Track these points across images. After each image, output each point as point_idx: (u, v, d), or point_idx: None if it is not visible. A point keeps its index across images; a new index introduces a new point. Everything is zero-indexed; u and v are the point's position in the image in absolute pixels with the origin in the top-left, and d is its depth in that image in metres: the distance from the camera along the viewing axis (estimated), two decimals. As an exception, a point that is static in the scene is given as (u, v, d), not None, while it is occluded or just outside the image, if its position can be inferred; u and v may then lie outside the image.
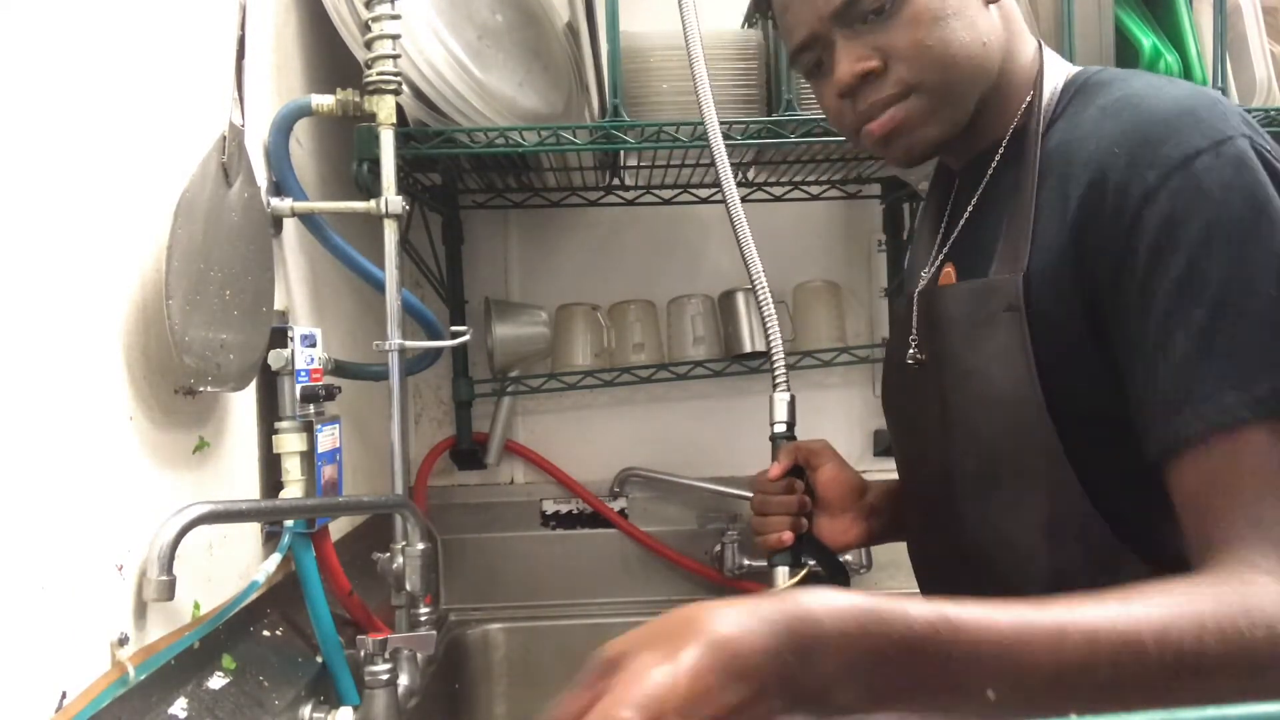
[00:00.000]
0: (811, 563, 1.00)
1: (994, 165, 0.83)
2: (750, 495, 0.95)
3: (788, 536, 0.97)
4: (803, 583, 0.98)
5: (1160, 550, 0.71)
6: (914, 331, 0.89)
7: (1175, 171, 0.66)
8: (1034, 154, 0.77)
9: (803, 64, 0.85)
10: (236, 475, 1.03)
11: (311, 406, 1.09)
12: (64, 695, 0.69)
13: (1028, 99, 0.81)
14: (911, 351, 0.89)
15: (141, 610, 0.81)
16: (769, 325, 1.05)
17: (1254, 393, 0.63)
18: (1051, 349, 0.74)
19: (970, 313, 0.81)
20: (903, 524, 1.00)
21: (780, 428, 1.04)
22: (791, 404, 1.04)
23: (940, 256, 0.90)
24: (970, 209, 0.86)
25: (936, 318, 0.85)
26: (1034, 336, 0.74)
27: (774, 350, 1.04)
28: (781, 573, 0.98)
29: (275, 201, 1.12)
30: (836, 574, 1.02)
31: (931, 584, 0.96)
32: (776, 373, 1.04)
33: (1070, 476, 0.74)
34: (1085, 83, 0.79)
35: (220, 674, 0.93)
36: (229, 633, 0.96)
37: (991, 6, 0.80)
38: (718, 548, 1.76)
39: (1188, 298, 0.65)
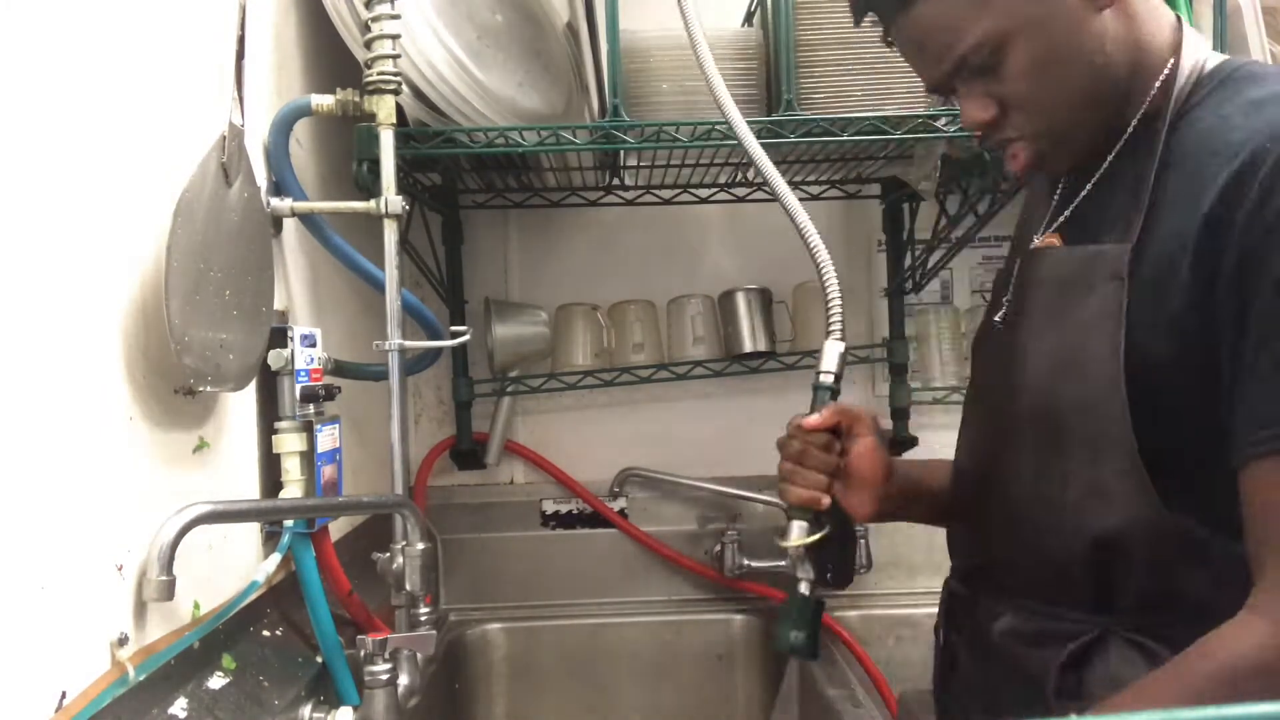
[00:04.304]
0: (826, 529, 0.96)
1: (1119, 147, 0.83)
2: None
3: (825, 500, 0.94)
4: (819, 545, 0.96)
5: (1210, 522, 0.74)
6: (1009, 292, 0.90)
7: None
8: (1160, 138, 0.78)
9: (939, 94, 0.88)
10: (236, 475, 1.03)
11: (311, 406, 1.09)
12: (64, 695, 0.69)
13: (1159, 81, 0.80)
14: (1003, 311, 0.90)
15: (141, 610, 0.81)
16: (828, 289, 0.98)
17: None
18: (1145, 322, 0.75)
19: (1071, 276, 0.82)
20: (909, 515, 1.01)
21: (826, 378, 0.97)
22: (843, 356, 0.97)
23: (1053, 226, 0.90)
24: (1090, 187, 0.86)
25: (1037, 278, 0.87)
26: (1131, 308, 0.75)
27: (830, 298, 0.98)
28: (799, 527, 0.95)
29: (275, 201, 1.12)
30: (848, 541, 0.99)
31: (964, 543, 0.97)
32: (831, 316, 0.98)
33: (1132, 447, 0.75)
34: (1233, 73, 0.79)
35: (220, 674, 0.93)
36: (229, 633, 0.96)
37: (1105, 11, 0.78)
38: (718, 548, 1.76)
39: None
